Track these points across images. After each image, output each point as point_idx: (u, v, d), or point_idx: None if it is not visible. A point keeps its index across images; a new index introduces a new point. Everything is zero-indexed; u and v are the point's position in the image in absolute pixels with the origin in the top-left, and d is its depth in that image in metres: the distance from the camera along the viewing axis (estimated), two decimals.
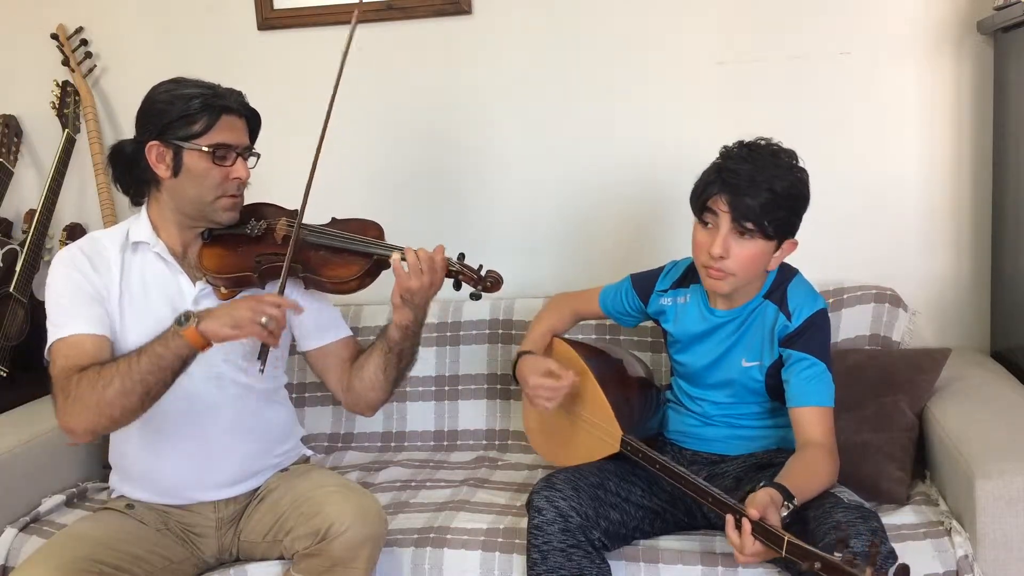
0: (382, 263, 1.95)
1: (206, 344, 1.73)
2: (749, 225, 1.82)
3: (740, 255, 1.85)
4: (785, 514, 1.65)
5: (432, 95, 2.71)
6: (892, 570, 1.44)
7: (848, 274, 2.45)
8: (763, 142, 1.88)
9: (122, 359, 1.75)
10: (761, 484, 1.70)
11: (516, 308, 2.56)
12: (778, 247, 1.88)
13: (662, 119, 2.59)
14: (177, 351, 1.72)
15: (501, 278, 1.93)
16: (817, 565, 1.51)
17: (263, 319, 1.71)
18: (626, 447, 1.93)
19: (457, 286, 1.94)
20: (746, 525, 1.61)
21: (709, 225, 1.87)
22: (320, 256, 1.96)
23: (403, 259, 1.88)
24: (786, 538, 1.56)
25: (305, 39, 2.74)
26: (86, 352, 1.81)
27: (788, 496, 1.66)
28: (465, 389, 2.55)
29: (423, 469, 2.39)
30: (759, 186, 1.81)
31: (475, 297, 1.93)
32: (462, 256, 1.94)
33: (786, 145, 1.89)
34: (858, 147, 2.51)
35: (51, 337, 1.84)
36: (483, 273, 1.93)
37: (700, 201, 1.88)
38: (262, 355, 1.81)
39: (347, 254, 1.95)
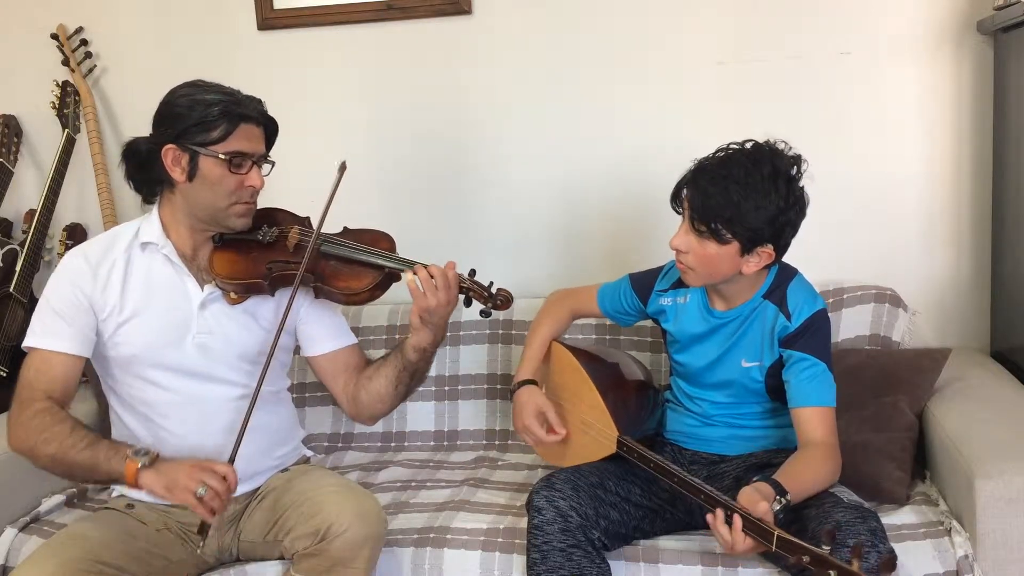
0: (393, 276, 1.94)
1: (136, 487, 1.79)
2: (702, 227, 1.83)
3: (698, 253, 1.86)
4: (777, 508, 1.65)
5: (432, 95, 2.71)
6: (880, 560, 1.45)
7: (848, 274, 2.45)
8: (762, 145, 1.85)
9: (73, 432, 1.81)
10: (754, 479, 1.71)
11: (516, 308, 2.54)
12: (746, 253, 1.85)
13: (662, 119, 2.59)
14: (112, 471, 1.80)
15: (511, 296, 1.93)
16: (806, 559, 1.53)
17: (200, 489, 1.72)
18: (622, 447, 1.93)
19: (468, 303, 1.95)
20: (737, 521, 1.62)
21: (682, 217, 1.89)
22: (332, 266, 1.95)
23: (415, 275, 1.87)
24: (776, 533, 1.58)
25: (305, 39, 2.74)
26: (53, 373, 1.86)
27: (781, 491, 1.66)
28: (465, 389, 2.55)
29: (423, 469, 2.39)
30: (722, 193, 1.80)
31: (485, 315, 1.93)
32: (473, 272, 1.94)
33: (793, 149, 1.86)
34: (858, 147, 2.51)
35: (28, 339, 1.89)
36: (494, 291, 1.93)
37: (675, 190, 1.90)
38: (201, 530, 1.80)
39: (359, 266, 1.94)
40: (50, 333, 1.87)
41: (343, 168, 1.92)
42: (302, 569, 1.81)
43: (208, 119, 1.84)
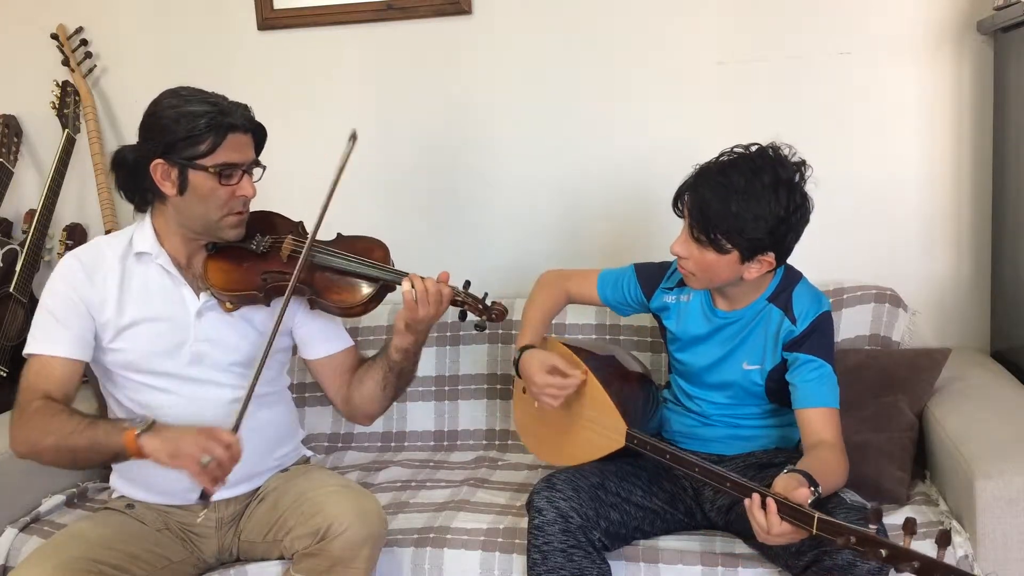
0: (388, 288, 1.94)
1: (140, 455, 1.73)
2: (701, 237, 1.82)
3: (698, 259, 1.86)
4: (811, 500, 1.62)
5: (432, 95, 2.70)
6: (935, 537, 1.44)
7: (848, 274, 2.44)
8: (766, 150, 1.84)
9: (71, 419, 1.79)
10: (785, 470, 1.68)
11: (516, 308, 2.54)
12: (746, 261, 1.84)
13: (662, 119, 2.59)
14: (113, 446, 1.75)
15: (506, 309, 1.93)
16: (852, 540, 1.49)
17: (205, 459, 1.69)
18: (632, 440, 1.91)
19: (462, 316, 1.95)
20: (771, 505, 1.59)
21: (683, 221, 1.89)
22: (326, 278, 1.94)
23: (412, 286, 1.86)
24: (816, 515, 1.55)
25: (305, 39, 2.74)
26: (53, 377, 1.85)
27: (813, 482, 1.64)
28: (465, 389, 2.55)
29: (423, 469, 2.39)
30: (721, 203, 1.79)
31: (480, 328, 1.92)
32: (467, 284, 1.93)
33: (798, 154, 1.85)
34: (858, 147, 2.51)
35: (28, 346, 1.89)
36: (488, 303, 1.92)
37: (676, 196, 1.90)
38: (203, 497, 1.76)
39: (353, 278, 1.94)
40: (48, 339, 1.88)
41: (354, 137, 1.86)
42: (302, 569, 1.81)
43: (195, 133, 1.82)
